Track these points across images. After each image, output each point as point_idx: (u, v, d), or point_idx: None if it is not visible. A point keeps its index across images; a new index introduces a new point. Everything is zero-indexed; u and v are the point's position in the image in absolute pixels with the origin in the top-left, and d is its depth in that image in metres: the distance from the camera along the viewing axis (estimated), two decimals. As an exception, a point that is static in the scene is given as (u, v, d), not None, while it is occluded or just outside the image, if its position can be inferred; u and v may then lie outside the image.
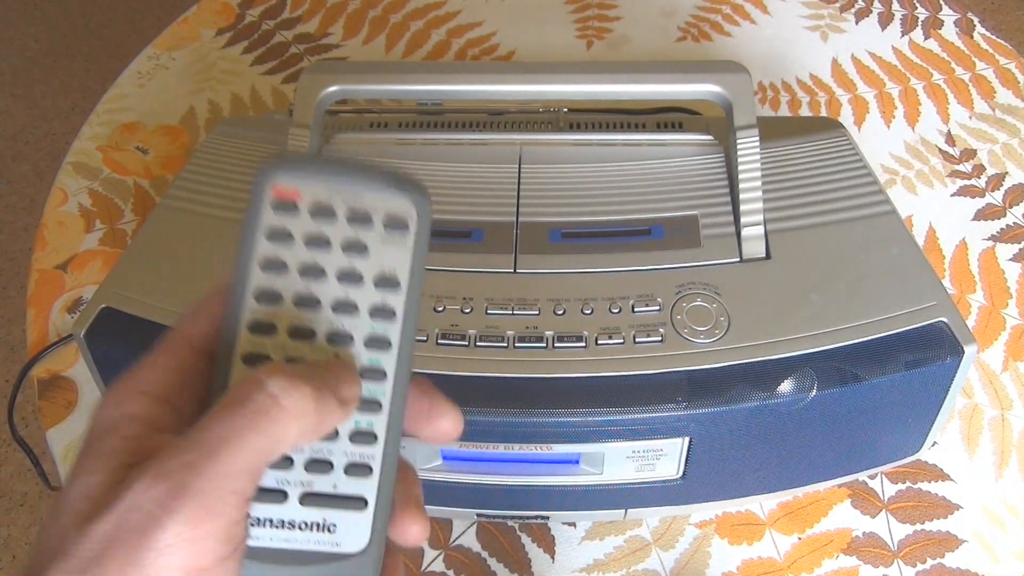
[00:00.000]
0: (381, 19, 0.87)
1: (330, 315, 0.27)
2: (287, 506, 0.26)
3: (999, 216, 0.69)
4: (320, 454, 0.27)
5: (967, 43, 0.82)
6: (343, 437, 0.27)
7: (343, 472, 0.27)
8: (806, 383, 0.44)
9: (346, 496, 0.27)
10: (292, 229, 0.27)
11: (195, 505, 0.23)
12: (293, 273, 0.27)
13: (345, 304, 0.27)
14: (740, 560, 0.53)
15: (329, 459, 0.27)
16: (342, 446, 0.27)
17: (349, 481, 0.27)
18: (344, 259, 0.27)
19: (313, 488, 0.27)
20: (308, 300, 0.27)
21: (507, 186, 0.53)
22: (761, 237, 0.49)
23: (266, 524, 0.26)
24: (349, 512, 0.27)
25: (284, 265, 0.27)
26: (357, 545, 0.27)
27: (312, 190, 0.27)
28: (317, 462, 0.27)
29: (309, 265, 0.27)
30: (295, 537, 0.26)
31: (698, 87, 0.52)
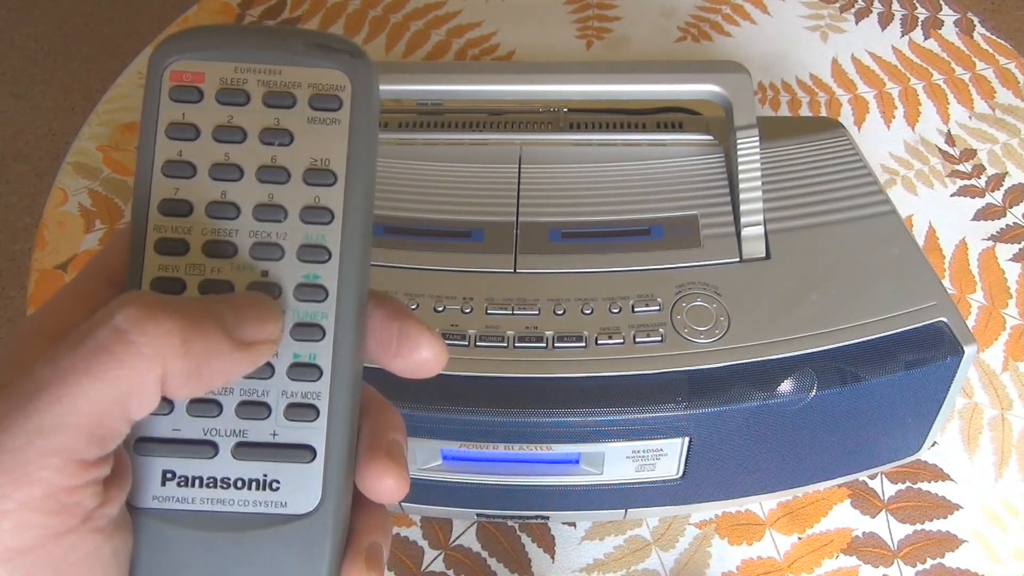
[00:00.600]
0: (381, 19, 0.87)
1: (252, 222, 0.22)
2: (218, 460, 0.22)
3: (999, 216, 0.69)
4: (253, 395, 0.22)
5: (967, 43, 0.82)
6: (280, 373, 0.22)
7: (283, 415, 0.22)
8: (806, 383, 0.44)
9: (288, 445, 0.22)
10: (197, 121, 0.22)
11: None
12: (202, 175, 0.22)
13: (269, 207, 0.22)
14: (740, 560, 0.53)
15: (265, 400, 0.22)
16: (279, 384, 0.22)
17: (290, 426, 0.22)
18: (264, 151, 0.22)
19: (248, 437, 0.22)
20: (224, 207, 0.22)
21: (507, 186, 0.53)
22: (761, 237, 0.49)
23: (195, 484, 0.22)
24: (293, 464, 0.22)
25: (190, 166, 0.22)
26: (307, 504, 0.22)
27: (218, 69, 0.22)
28: (250, 404, 0.22)
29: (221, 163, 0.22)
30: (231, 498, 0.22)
31: (698, 87, 0.52)
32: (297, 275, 0.22)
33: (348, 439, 0.23)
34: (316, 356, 0.22)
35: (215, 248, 0.22)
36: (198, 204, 0.22)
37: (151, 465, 0.22)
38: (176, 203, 0.22)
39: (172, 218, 0.22)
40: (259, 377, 0.22)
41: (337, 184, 0.22)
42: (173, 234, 0.22)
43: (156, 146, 0.22)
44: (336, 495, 0.22)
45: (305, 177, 0.22)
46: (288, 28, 0.23)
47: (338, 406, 0.23)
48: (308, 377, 0.22)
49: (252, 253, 0.22)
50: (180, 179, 0.22)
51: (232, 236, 0.22)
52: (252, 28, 0.23)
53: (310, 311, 0.22)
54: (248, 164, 0.22)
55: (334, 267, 0.22)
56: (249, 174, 0.22)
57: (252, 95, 0.22)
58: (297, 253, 0.22)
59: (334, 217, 0.22)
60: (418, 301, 0.46)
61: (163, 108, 0.22)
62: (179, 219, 0.22)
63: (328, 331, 0.22)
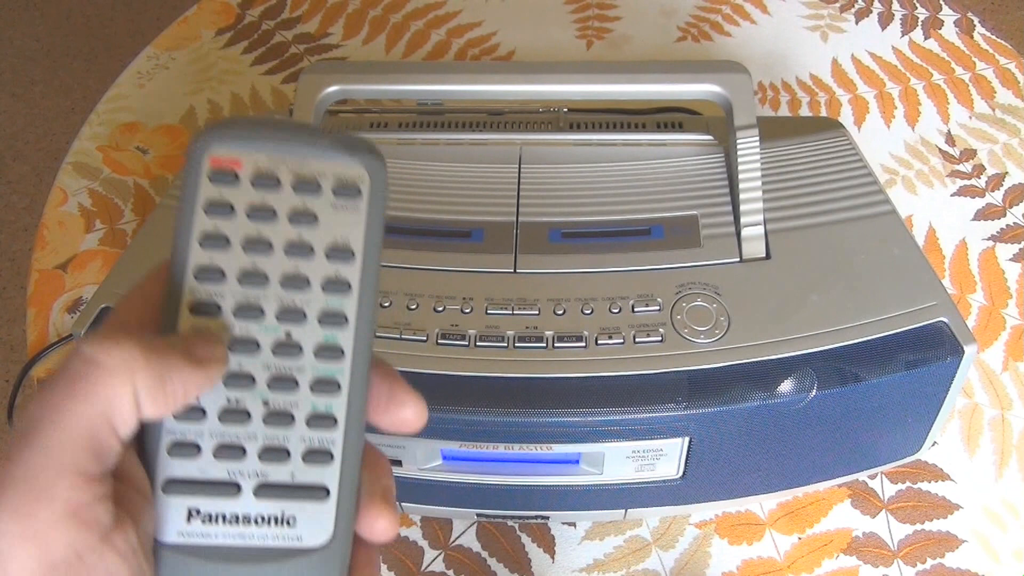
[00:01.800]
0: (381, 19, 0.87)
1: (279, 291, 0.25)
2: (241, 499, 0.24)
3: (999, 216, 0.69)
4: (275, 441, 0.25)
5: (967, 43, 0.82)
6: (299, 422, 0.25)
7: (301, 460, 0.25)
8: (806, 383, 0.44)
9: (306, 485, 0.25)
10: (233, 200, 0.25)
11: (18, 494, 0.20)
12: (236, 248, 0.25)
13: (295, 278, 0.25)
14: (740, 560, 0.53)
15: (285, 446, 0.25)
16: (299, 431, 0.25)
17: (308, 469, 0.25)
18: (291, 230, 0.25)
19: (269, 479, 0.25)
20: (254, 276, 0.25)
21: (507, 186, 0.53)
22: (761, 237, 0.49)
23: (218, 520, 0.24)
24: (310, 503, 0.25)
25: (225, 239, 0.25)
26: (320, 538, 0.25)
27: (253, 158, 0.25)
28: (272, 450, 0.25)
29: (253, 238, 0.25)
30: (251, 533, 0.24)
31: (698, 87, 0.52)
32: (318, 337, 0.25)
33: (356, 481, 0.26)
34: (332, 407, 0.25)
35: (244, 310, 0.25)
36: (231, 273, 0.25)
37: (177, 503, 0.24)
38: (211, 271, 0.25)
39: (206, 283, 0.25)
40: (281, 426, 0.25)
41: (355, 261, 0.25)
42: (206, 297, 0.25)
43: (194, 220, 0.25)
44: (345, 531, 0.25)
45: (327, 253, 0.25)
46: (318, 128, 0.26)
47: (349, 451, 0.25)
48: (326, 426, 0.25)
49: (278, 316, 0.25)
50: (215, 250, 0.25)
51: (261, 301, 0.25)
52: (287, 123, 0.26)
53: (329, 369, 0.25)
54: (277, 239, 0.25)
55: (350, 331, 0.25)
56: (277, 248, 0.25)
57: (283, 181, 0.25)
58: (319, 318, 0.25)
59: (351, 289, 0.25)
60: (418, 301, 0.46)
61: (202, 188, 0.25)
62: (213, 284, 0.25)
63: (343, 386, 0.25)
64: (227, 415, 0.25)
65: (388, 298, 0.47)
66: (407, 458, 0.47)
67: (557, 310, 0.46)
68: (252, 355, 0.25)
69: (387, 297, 0.47)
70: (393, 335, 0.45)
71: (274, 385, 0.25)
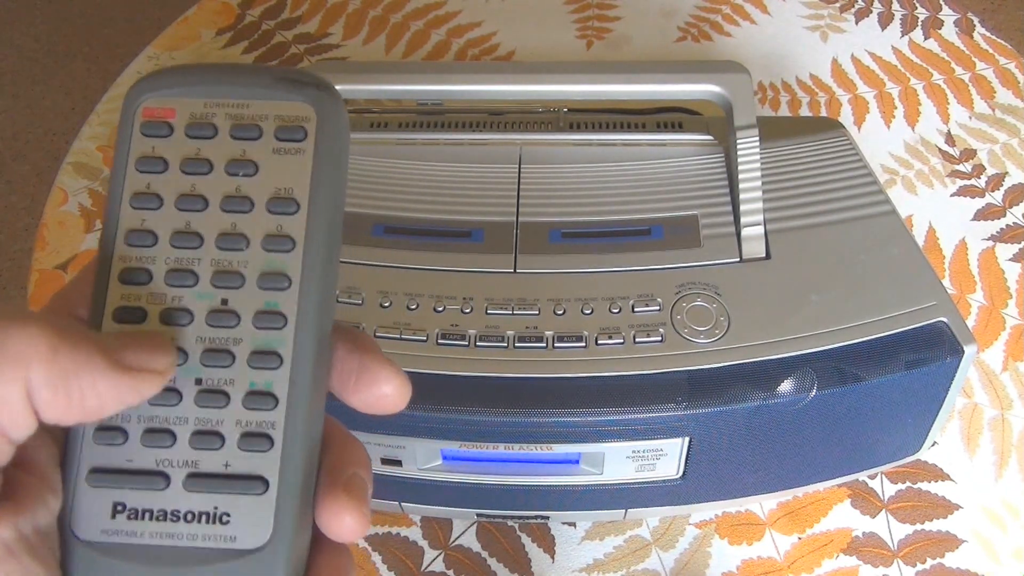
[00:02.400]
0: (381, 19, 0.87)
1: (214, 251, 0.22)
2: (169, 492, 0.22)
3: (999, 216, 0.69)
4: (208, 424, 0.22)
5: (967, 43, 0.82)
6: (235, 401, 0.22)
7: (236, 445, 0.22)
8: (806, 383, 0.44)
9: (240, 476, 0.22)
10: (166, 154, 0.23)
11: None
12: (168, 207, 0.23)
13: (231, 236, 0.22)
14: (740, 560, 0.53)
15: (218, 430, 0.22)
16: (234, 413, 0.22)
17: (243, 456, 0.22)
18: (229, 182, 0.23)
19: (200, 467, 0.22)
20: (187, 236, 0.22)
21: (507, 186, 0.53)
22: (761, 237, 0.49)
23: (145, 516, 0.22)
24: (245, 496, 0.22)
25: (157, 198, 0.23)
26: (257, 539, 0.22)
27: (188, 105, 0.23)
28: (204, 434, 0.22)
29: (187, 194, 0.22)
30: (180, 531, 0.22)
31: (698, 87, 0.52)
32: (257, 302, 0.22)
33: (303, 472, 0.22)
34: (272, 384, 0.22)
35: (177, 277, 0.22)
36: (163, 234, 0.22)
37: (102, 497, 0.22)
38: (141, 234, 0.22)
39: (137, 248, 0.22)
40: (214, 406, 0.22)
41: (299, 212, 0.22)
42: (137, 264, 0.22)
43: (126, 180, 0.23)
44: (288, 530, 0.22)
45: (268, 206, 0.22)
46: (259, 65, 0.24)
47: (293, 436, 0.22)
48: (263, 406, 0.22)
49: (213, 281, 0.22)
50: (147, 210, 0.23)
51: (194, 265, 0.22)
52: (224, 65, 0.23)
53: (267, 338, 0.22)
54: (213, 195, 0.23)
55: (294, 295, 0.22)
56: (214, 204, 0.23)
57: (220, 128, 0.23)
58: (257, 281, 0.22)
59: (295, 244, 0.22)
60: (418, 301, 0.46)
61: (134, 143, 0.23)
62: (143, 249, 0.22)
63: (286, 359, 0.22)
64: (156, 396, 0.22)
65: (388, 298, 0.47)
66: (407, 458, 0.47)
67: (557, 310, 0.46)
68: (184, 326, 0.22)
69: (387, 297, 0.47)
70: (393, 335, 0.45)
71: (207, 360, 0.22)
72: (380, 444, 0.46)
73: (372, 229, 0.50)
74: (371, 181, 0.53)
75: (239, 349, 0.22)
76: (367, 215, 0.50)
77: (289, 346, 0.22)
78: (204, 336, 0.22)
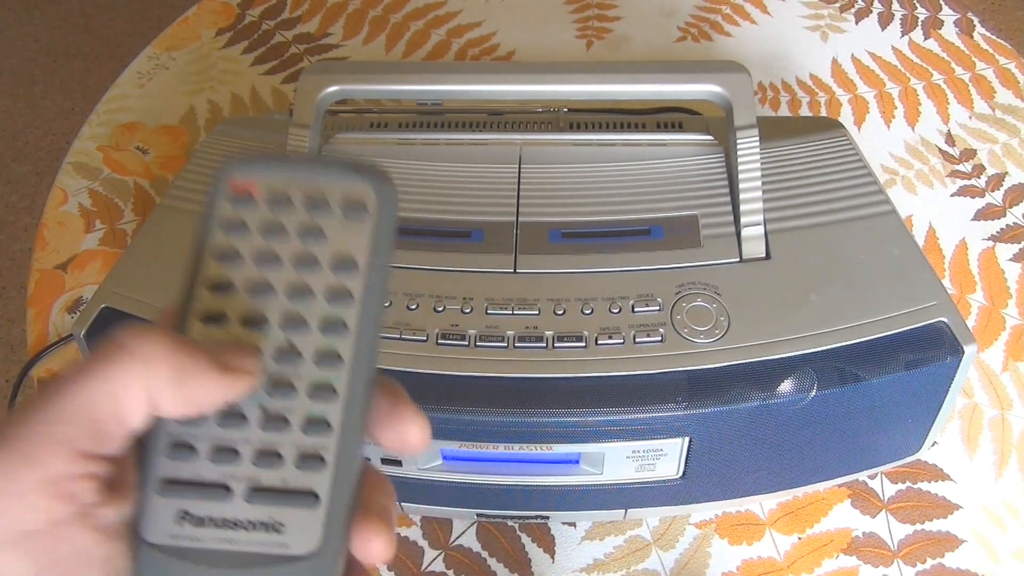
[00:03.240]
0: (381, 19, 0.87)
1: (284, 301, 0.26)
2: (231, 503, 0.25)
3: (999, 216, 0.69)
4: (269, 445, 0.25)
5: (967, 43, 0.82)
6: (295, 427, 0.25)
7: (293, 464, 0.25)
8: (806, 383, 0.44)
9: (296, 490, 0.25)
10: (248, 219, 0.26)
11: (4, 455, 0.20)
12: (248, 262, 0.26)
13: (300, 288, 0.26)
14: (740, 560, 0.53)
15: (279, 450, 0.25)
16: (293, 436, 0.25)
17: (300, 475, 0.25)
18: (300, 245, 0.26)
19: (261, 483, 0.25)
20: (261, 287, 0.26)
21: (507, 186, 0.53)
22: (761, 237, 0.49)
23: (207, 523, 0.24)
24: (299, 509, 0.25)
25: (238, 254, 0.26)
26: (307, 546, 0.24)
27: (269, 182, 0.26)
28: (266, 454, 0.25)
29: (264, 252, 0.26)
30: (239, 538, 0.24)
31: (698, 87, 0.52)
32: (319, 344, 0.26)
33: (349, 491, 0.25)
34: (327, 413, 0.25)
35: (250, 319, 0.26)
36: (240, 284, 0.26)
37: (171, 505, 0.25)
38: (221, 283, 0.26)
39: (217, 295, 0.26)
40: (275, 430, 0.25)
41: (357, 272, 0.26)
42: (215, 307, 0.26)
43: (210, 237, 0.26)
44: (335, 542, 0.24)
45: (332, 266, 0.26)
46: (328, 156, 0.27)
47: (343, 459, 0.25)
48: (319, 431, 0.25)
49: (281, 325, 0.26)
50: (227, 264, 0.26)
51: (268, 311, 0.26)
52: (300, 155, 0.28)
53: (326, 375, 0.25)
54: (286, 253, 0.26)
55: (350, 339, 0.26)
56: (286, 261, 0.26)
57: (295, 200, 0.26)
58: (319, 326, 0.26)
59: (352, 298, 0.26)
60: (418, 301, 0.46)
61: (220, 208, 0.26)
62: (223, 296, 0.26)
63: (340, 393, 0.25)
64: (225, 418, 0.25)
65: (388, 298, 0.47)
66: (407, 458, 0.47)
67: (557, 310, 0.46)
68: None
69: (387, 297, 0.47)
70: (393, 335, 0.45)
71: (273, 391, 0.25)
72: (380, 444, 0.46)
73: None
74: (371, 181, 0.53)
75: (300, 383, 0.25)
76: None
77: (344, 382, 0.25)
78: (270, 370, 0.25)
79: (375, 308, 0.26)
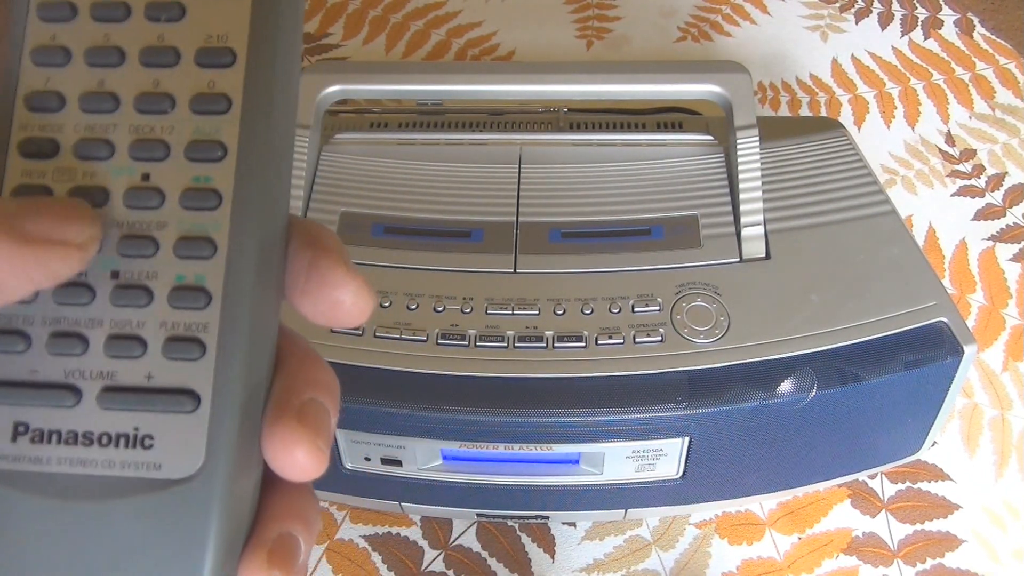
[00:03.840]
0: (381, 19, 0.87)
1: (133, 116, 0.18)
2: (80, 410, 0.18)
3: (999, 216, 0.69)
4: (126, 328, 0.18)
5: (967, 43, 0.82)
6: (159, 299, 0.18)
7: (161, 353, 0.18)
8: (806, 383, 0.44)
9: (165, 389, 0.18)
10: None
11: None
12: (78, 62, 0.19)
13: (153, 97, 0.18)
14: (740, 560, 0.53)
15: (139, 334, 0.18)
16: (159, 312, 0.18)
17: (169, 366, 0.18)
18: (150, 30, 0.19)
19: (117, 380, 0.18)
20: (100, 98, 0.18)
21: (507, 186, 0.53)
22: (761, 237, 0.49)
23: (51, 439, 0.18)
24: (171, 414, 0.18)
25: (64, 52, 0.19)
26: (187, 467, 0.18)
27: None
28: (121, 339, 0.18)
29: (99, 47, 0.19)
30: (94, 457, 0.18)
31: (698, 87, 0.52)
32: (185, 178, 0.18)
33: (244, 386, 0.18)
34: (203, 278, 0.18)
35: (89, 148, 0.18)
36: (71, 96, 0.18)
37: (1, 416, 0.18)
38: (45, 95, 0.19)
39: (40, 114, 0.19)
40: (133, 305, 0.18)
41: (236, 65, 0.18)
42: (40, 133, 0.18)
43: (26, 30, 0.19)
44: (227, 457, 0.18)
45: (198, 58, 0.18)
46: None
47: (231, 342, 0.18)
48: (193, 303, 0.18)
49: (131, 153, 0.18)
50: (51, 67, 0.19)
51: (109, 133, 0.18)
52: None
53: (198, 221, 0.18)
54: (131, 46, 0.18)
55: (230, 167, 0.18)
56: (131, 58, 0.19)
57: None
58: (185, 151, 0.18)
59: (231, 105, 0.18)
60: (418, 301, 0.46)
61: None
62: (48, 115, 0.19)
63: (220, 246, 0.18)
64: (64, 292, 0.18)
65: (388, 298, 0.47)
66: (407, 458, 0.47)
67: (557, 310, 0.46)
68: (98, 209, 0.18)
69: (387, 297, 0.47)
70: (393, 335, 0.45)
71: (125, 248, 0.18)
72: (380, 444, 0.46)
73: (372, 229, 0.50)
74: (371, 181, 0.53)
75: (163, 235, 0.18)
76: (367, 215, 0.50)
77: (224, 230, 0.18)
78: (121, 220, 0.18)
79: (268, 115, 0.18)
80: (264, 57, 0.18)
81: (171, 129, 0.18)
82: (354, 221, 0.50)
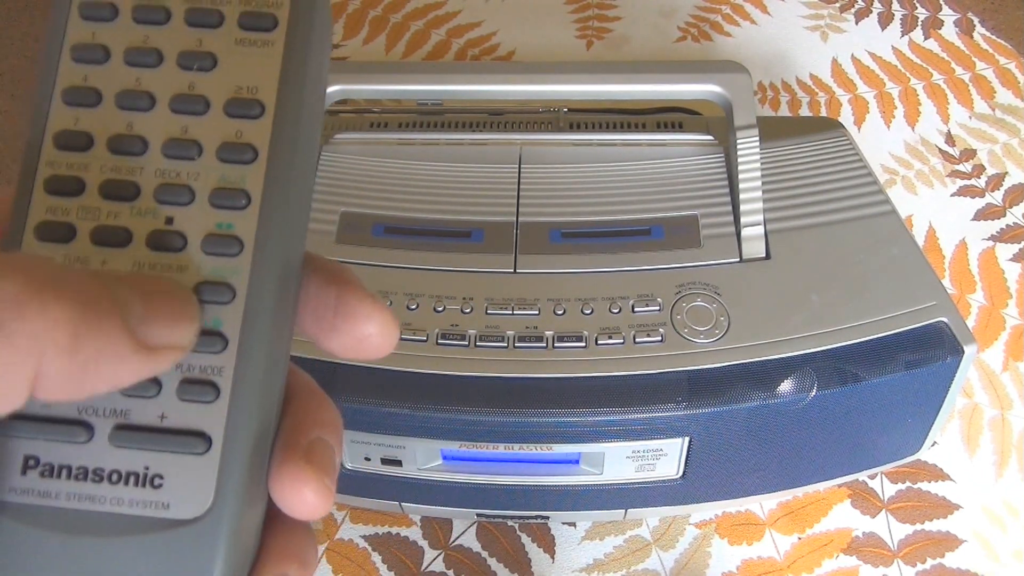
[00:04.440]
0: (381, 19, 0.87)
1: (160, 160, 0.19)
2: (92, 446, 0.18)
3: (999, 216, 0.69)
4: None
5: (967, 43, 0.82)
6: None
7: (175, 394, 0.18)
8: (806, 383, 0.44)
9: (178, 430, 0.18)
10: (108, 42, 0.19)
11: None
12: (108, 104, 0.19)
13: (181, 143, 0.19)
14: (740, 560, 0.53)
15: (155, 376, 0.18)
16: None
17: (182, 408, 0.18)
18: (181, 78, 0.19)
19: (130, 418, 0.18)
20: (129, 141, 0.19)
21: (507, 186, 0.53)
22: (761, 237, 0.49)
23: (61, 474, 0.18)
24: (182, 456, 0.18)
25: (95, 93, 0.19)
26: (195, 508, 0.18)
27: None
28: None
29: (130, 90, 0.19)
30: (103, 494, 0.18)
31: (698, 87, 0.52)
32: (208, 223, 0.18)
33: (256, 429, 0.18)
34: (221, 323, 0.18)
35: (114, 189, 0.19)
36: (99, 137, 0.19)
37: (12, 448, 0.18)
38: (74, 135, 0.19)
39: (68, 152, 0.19)
40: None
41: (264, 117, 0.19)
42: (67, 171, 0.19)
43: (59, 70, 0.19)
44: (234, 499, 0.18)
45: (227, 108, 0.19)
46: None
47: (245, 386, 0.18)
48: (209, 348, 0.18)
49: (156, 196, 0.19)
50: (82, 107, 0.19)
51: (135, 175, 0.19)
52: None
53: (218, 267, 0.18)
54: (161, 92, 0.19)
55: (252, 215, 0.19)
56: (162, 104, 0.19)
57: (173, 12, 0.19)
58: (210, 197, 0.19)
59: (257, 155, 0.19)
60: (418, 301, 0.46)
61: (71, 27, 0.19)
62: (76, 154, 0.19)
63: (239, 292, 0.18)
64: None
65: (388, 298, 0.47)
66: (407, 458, 0.47)
67: (557, 310, 0.46)
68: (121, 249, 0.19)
69: (387, 297, 0.47)
70: (393, 335, 0.45)
71: None
72: (380, 444, 0.46)
73: (372, 229, 0.50)
74: (371, 181, 0.53)
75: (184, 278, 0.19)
76: (367, 215, 0.50)
77: (244, 276, 0.18)
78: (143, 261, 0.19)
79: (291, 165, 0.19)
80: (291, 111, 0.19)
81: (197, 175, 0.19)
82: (354, 221, 0.50)
